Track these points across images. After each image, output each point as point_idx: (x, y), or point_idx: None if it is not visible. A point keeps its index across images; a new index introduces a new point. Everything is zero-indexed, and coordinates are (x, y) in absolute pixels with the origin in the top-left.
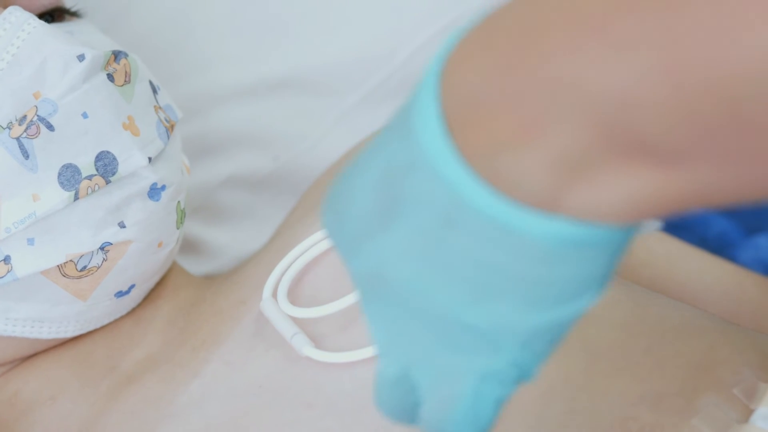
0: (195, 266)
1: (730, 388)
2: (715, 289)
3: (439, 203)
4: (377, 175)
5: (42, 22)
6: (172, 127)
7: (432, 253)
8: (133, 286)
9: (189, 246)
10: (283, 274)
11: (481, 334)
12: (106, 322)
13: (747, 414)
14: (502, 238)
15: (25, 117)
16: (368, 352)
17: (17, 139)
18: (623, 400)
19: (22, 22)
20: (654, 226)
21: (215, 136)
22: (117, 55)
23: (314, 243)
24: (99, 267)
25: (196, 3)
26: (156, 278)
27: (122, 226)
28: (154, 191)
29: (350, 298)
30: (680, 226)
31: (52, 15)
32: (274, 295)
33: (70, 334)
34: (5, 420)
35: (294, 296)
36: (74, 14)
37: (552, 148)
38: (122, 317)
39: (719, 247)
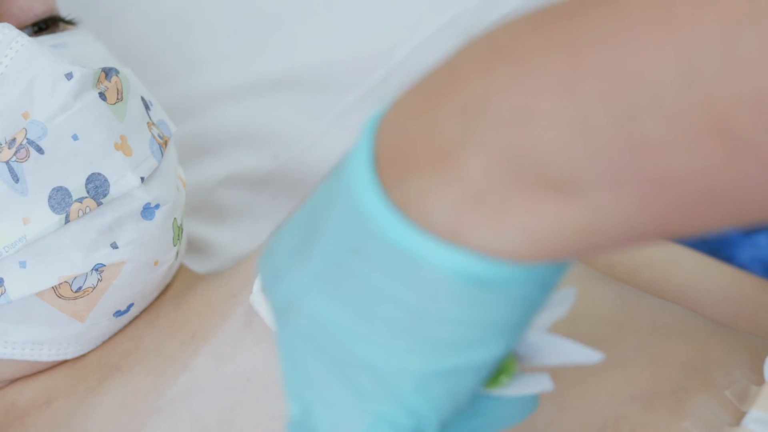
0: (194, 265)
1: (722, 389)
2: (713, 291)
3: (349, 231)
4: (306, 213)
5: (30, 39)
6: (166, 143)
7: (336, 283)
8: (132, 305)
9: (188, 245)
10: None
11: (378, 373)
12: (106, 339)
13: (738, 416)
14: (403, 268)
15: (14, 140)
16: None
17: (7, 162)
18: (615, 400)
19: (9, 40)
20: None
21: (213, 135)
22: (108, 73)
23: None
24: (94, 288)
25: (194, 2)
26: (155, 294)
27: (114, 246)
28: (148, 210)
29: None
30: None
31: (47, 24)
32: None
33: (71, 356)
34: (0, 425)
35: None
36: (69, 23)
37: (460, 176)
38: None
39: (719, 245)
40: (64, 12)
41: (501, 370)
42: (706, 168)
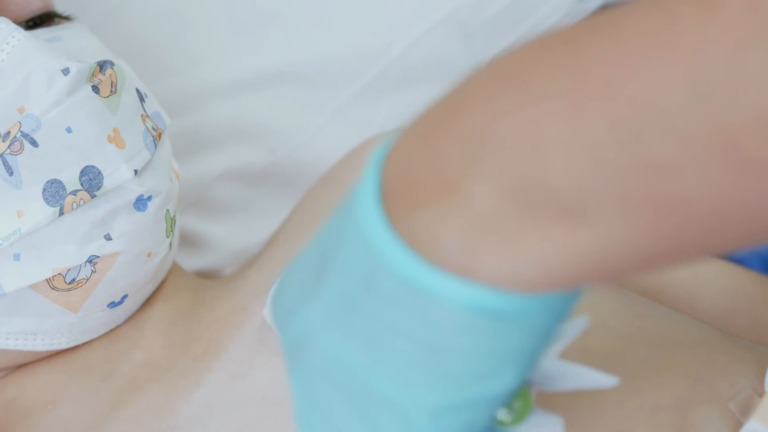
0: (191, 261)
1: (726, 401)
2: (711, 287)
3: (360, 267)
4: (316, 249)
5: (27, 34)
6: (160, 135)
7: (349, 319)
8: (126, 297)
9: (185, 240)
10: None
11: (393, 407)
12: (102, 332)
13: (739, 428)
14: (414, 302)
15: (8, 133)
16: None
17: (1, 155)
18: (621, 412)
19: (6, 35)
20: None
21: (210, 129)
22: (103, 66)
23: None
24: (88, 279)
25: None
26: (150, 287)
27: (108, 238)
28: (141, 202)
29: None
30: None
31: (41, 19)
32: None
33: (64, 346)
34: (3, 425)
35: None
36: (65, 18)
37: (467, 206)
38: None
39: None
40: (61, 8)
41: (515, 399)
42: (717, 189)
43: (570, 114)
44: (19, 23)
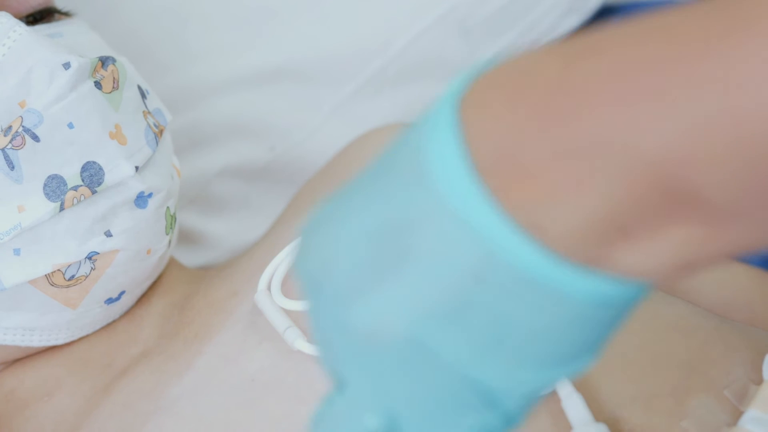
0: (191, 257)
1: (722, 389)
2: (708, 280)
3: (464, 257)
4: (371, 225)
5: (28, 28)
6: (161, 132)
7: (448, 308)
8: (123, 293)
9: (184, 237)
10: (277, 267)
11: (482, 389)
12: (98, 327)
13: (737, 416)
14: (534, 295)
15: (10, 128)
16: None
17: (2, 150)
18: (615, 401)
19: (7, 29)
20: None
21: (210, 126)
22: (105, 62)
23: None
24: (87, 276)
25: None
26: (147, 283)
27: (108, 235)
28: (141, 199)
29: None
30: None
31: (41, 15)
32: (268, 287)
33: (61, 341)
34: (1, 416)
35: (288, 289)
36: (65, 14)
37: (599, 205)
38: None
39: None
40: (60, 4)
41: None
42: None
43: (719, 125)
44: (19, 18)
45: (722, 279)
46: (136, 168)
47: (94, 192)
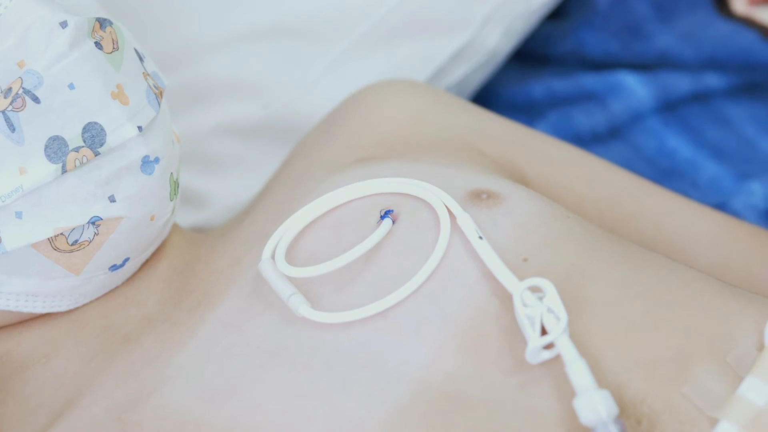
0: (186, 216)
1: (724, 354)
2: (703, 239)
3: None
4: None
5: None
6: (161, 93)
7: None
8: (127, 260)
9: (179, 196)
10: (282, 236)
11: None
12: (100, 294)
13: (738, 382)
14: None
15: (10, 89)
16: (364, 312)
17: (2, 112)
18: (618, 365)
19: None
20: None
21: (203, 84)
22: (102, 23)
23: (315, 208)
24: (91, 241)
25: None
26: (151, 249)
27: (113, 200)
28: (147, 164)
29: (347, 257)
30: (671, 172)
31: None
32: (272, 255)
33: (64, 308)
34: None
35: (291, 256)
36: None
37: None
38: None
39: (711, 192)
40: None
41: None
42: None
43: None
44: None
45: (719, 238)
46: (140, 128)
47: (96, 154)
